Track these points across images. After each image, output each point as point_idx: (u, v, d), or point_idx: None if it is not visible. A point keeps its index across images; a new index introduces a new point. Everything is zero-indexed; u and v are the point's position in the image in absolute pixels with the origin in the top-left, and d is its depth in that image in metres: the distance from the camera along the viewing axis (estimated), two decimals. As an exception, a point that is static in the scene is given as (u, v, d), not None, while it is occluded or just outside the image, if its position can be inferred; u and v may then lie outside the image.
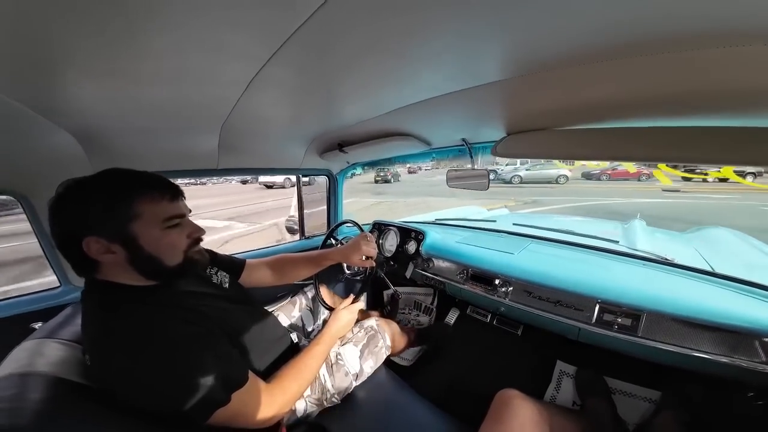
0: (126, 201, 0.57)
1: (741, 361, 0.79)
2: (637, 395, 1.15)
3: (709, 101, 0.56)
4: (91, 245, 0.55)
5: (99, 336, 0.56)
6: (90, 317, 0.59)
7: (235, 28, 0.42)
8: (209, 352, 0.59)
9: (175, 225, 0.63)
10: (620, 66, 0.49)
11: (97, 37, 0.42)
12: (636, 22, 0.37)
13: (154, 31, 0.42)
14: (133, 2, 0.35)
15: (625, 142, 0.69)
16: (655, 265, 1.16)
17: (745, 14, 0.34)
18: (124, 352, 0.53)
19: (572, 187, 11.62)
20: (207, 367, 0.57)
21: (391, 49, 0.50)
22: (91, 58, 0.48)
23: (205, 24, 0.41)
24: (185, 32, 0.43)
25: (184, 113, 0.78)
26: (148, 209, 0.59)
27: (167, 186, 0.63)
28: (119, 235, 0.57)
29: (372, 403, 0.96)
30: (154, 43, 0.45)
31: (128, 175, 0.61)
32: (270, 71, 0.56)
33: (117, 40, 0.43)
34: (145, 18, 0.39)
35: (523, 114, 0.81)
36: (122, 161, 0.99)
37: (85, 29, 0.40)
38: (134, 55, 0.48)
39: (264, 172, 1.53)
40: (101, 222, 0.56)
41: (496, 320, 1.54)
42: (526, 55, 0.51)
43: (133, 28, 0.41)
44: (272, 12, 0.39)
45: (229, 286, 0.87)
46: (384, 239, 1.79)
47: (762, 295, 0.93)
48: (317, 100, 0.79)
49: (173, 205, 0.63)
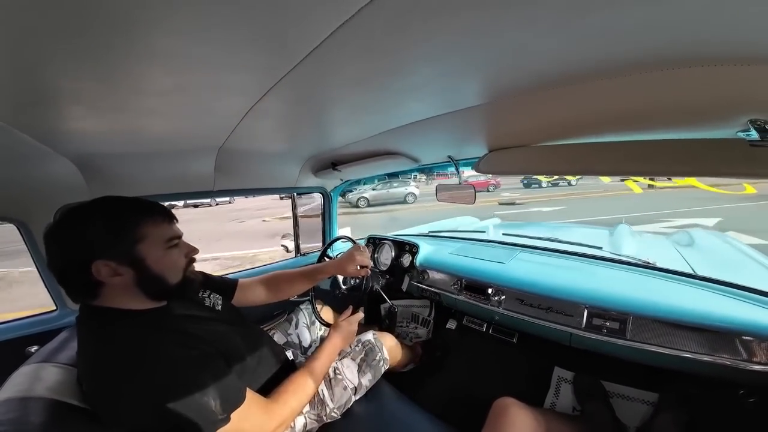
0: (131, 224, 0.60)
1: (725, 360, 0.82)
2: (635, 398, 1.16)
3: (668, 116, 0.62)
4: (100, 269, 0.57)
5: (96, 362, 0.57)
6: (86, 344, 0.60)
7: (233, 71, 0.47)
8: (206, 373, 0.61)
9: (175, 245, 0.67)
10: (588, 88, 0.54)
11: (103, 75, 0.45)
12: (598, 49, 0.43)
13: (155, 73, 0.46)
14: (137, 49, 0.39)
15: (597, 157, 0.75)
16: (638, 269, 1.20)
17: (692, 40, 0.39)
18: (122, 376, 0.55)
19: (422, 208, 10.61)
20: (205, 388, 0.58)
21: (376, 83, 0.55)
22: (97, 96, 0.51)
23: (205, 68, 0.45)
24: (186, 75, 0.47)
25: (181, 142, 0.82)
26: (152, 231, 0.62)
27: (165, 210, 0.67)
28: (128, 257, 0.59)
29: (372, 415, 0.96)
30: (156, 84, 0.49)
31: (127, 200, 0.64)
32: (265, 105, 0.60)
33: (122, 82, 0.47)
34: (149, 63, 0.42)
35: (503, 132, 0.87)
36: (120, 186, 1.03)
37: (89, 69, 0.43)
38: (137, 93, 0.52)
39: (259, 192, 1.56)
40: (110, 245, 0.58)
41: (491, 329, 1.56)
42: (497, 85, 0.57)
43: (136, 70, 0.44)
44: (268, 56, 0.43)
45: (222, 308, 0.88)
46: (379, 253, 1.81)
47: (740, 295, 0.96)
48: (309, 126, 0.84)
49: (172, 227, 0.67)
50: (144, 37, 0.36)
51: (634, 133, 0.70)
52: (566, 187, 13.14)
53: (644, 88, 0.51)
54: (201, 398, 0.57)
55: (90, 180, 0.92)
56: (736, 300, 0.95)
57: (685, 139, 0.63)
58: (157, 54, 0.40)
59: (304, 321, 1.31)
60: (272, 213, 11.47)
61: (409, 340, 1.76)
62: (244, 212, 12.47)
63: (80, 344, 0.61)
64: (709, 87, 0.49)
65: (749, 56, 0.40)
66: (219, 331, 0.76)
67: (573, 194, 11.60)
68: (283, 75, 0.48)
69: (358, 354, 1.06)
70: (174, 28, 0.34)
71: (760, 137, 0.52)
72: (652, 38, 0.39)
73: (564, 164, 0.79)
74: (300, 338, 1.24)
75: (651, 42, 0.40)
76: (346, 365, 1.01)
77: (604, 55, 0.44)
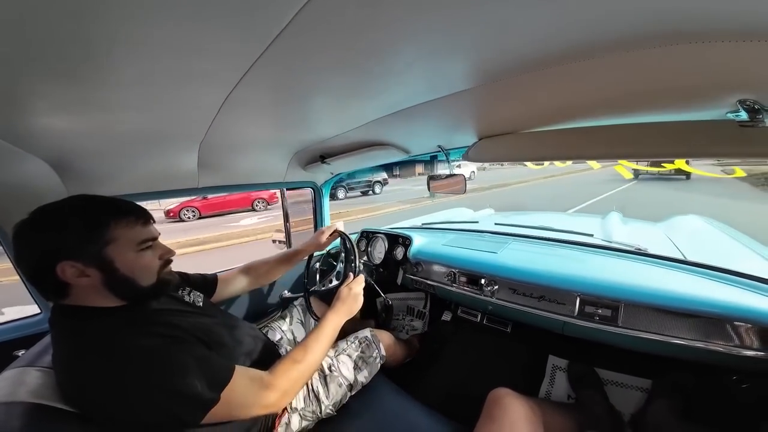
0: (102, 226, 0.59)
1: (717, 346, 0.82)
2: (629, 385, 1.17)
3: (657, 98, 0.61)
4: (66, 270, 0.55)
5: (71, 361, 0.56)
6: (59, 343, 0.59)
7: (200, 56, 0.44)
8: (185, 356, 0.60)
9: (148, 247, 0.65)
10: (575, 69, 0.52)
11: (62, 69, 0.43)
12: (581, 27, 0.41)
13: (117, 62, 0.43)
14: (92, 35, 0.36)
15: (586, 142, 0.73)
16: (629, 256, 1.20)
17: (682, 15, 0.38)
18: (99, 372, 0.54)
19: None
20: (186, 372, 0.58)
21: (355, 66, 0.53)
22: (58, 89, 0.49)
23: (170, 54, 0.43)
24: (150, 63, 0.44)
25: (158, 136, 0.78)
26: (124, 234, 0.61)
27: (140, 211, 0.65)
28: (96, 259, 0.58)
29: (368, 410, 0.96)
30: (120, 73, 0.46)
31: (100, 201, 0.62)
32: (241, 92, 0.58)
33: (81, 72, 0.45)
34: (106, 51, 0.40)
35: (491, 119, 0.85)
36: (99, 185, 1.00)
37: (48, 63, 0.41)
38: (101, 85, 0.49)
39: (247, 188, 1.53)
40: (77, 247, 0.56)
41: (485, 319, 1.56)
42: (484, 68, 0.55)
43: (96, 60, 0.42)
44: (236, 39, 0.41)
45: (204, 303, 0.87)
46: (372, 247, 1.80)
47: (732, 280, 0.97)
48: (292, 116, 0.81)
49: (146, 229, 0.65)
50: (102, 24, 0.34)
51: (623, 117, 0.69)
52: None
53: (632, 68, 0.50)
54: (183, 382, 0.57)
55: (67, 180, 0.89)
56: (728, 285, 0.95)
57: (675, 121, 0.62)
58: (117, 41, 0.38)
59: (298, 317, 1.30)
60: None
61: (406, 333, 1.76)
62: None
63: (54, 344, 0.60)
64: (698, 66, 0.47)
65: (738, 32, 0.39)
66: (201, 322, 0.74)
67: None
68: (255, 59, 0.45)
69: (354, 350, 1.05)
70: (130, 12, 0.32)
71: (749, 118, 0.51)
72: (640, 13, 0.37)
73: (553, 149, 0.78)
74: (294, 334, 1.23)
75: (639, 17, 0.38)
76: (342, 361, 1.00)
77: (592, 32, 0.42)
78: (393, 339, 1.27)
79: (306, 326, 1.29)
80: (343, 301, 0.92)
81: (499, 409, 0.81)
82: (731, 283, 0.96)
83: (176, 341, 0.63)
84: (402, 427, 0.91)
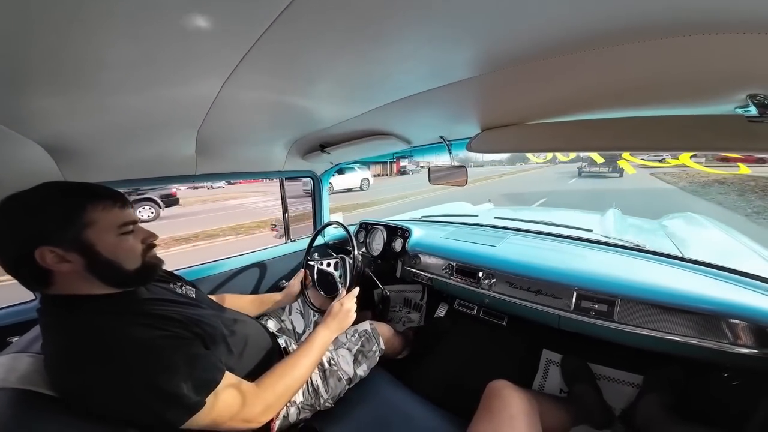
0: (78, 209, 0.57)
1: (710, 343, 0.83)
2: (621, 380, 1.19)
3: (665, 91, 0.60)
4: (45, 255, 0.54)
5: (56, 352, 0.56)
6: (46, 334, 0.59)
7: (200, 38, 0.43)
8: (175, 354, 0.58)
9: (129, 231, 0.64)
10: (583, 58, 0.51)
11: (59, 49, 0.41)
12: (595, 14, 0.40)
13: (114, 42, 0.42)
14: (90, 16, 0.35)
15: (591, 134, 0.72)
16: (627, 252, 1.20)
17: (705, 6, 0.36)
18: (84, 364, 0.53)
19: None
20: (173, 371, 0.56)
21: (355, 54, 0.51)
22: (54, 71, 0.47)
23: (168, 35, 0.41)
24: (148, 43, 0.43)
25: (157, 122, 0.77)
26: (102, 216, 0.59)
27: (116, 194, 0.64)
28: (75, 242, 0.56)
29: (365, 402, 0.97)
30: (117, 54, 0.45)
31: (74, 185, 0.61)
32: (240, 76, 0.56)
33: (78, 53, 0.43)
34: (104, 29, 0.39)
35: (495, 110, 0.83)
36: (96, 170, 0.98)
37: (45, 43, 0.39)
38: (97, 66, 0.48)
39: (245, 176, 1.51)
40: (55, 231, 0.55)
41: (482, 312, 1.57)
42: (491, 55, 0.53)
43: (93, 40, 0.40)
44: (236, 19, 0.40)
45: (197, 295, 0.86)
46: (371, 238, 1.80)
47: (727, 277, 0.97)
48: (292, 103, 0.80)
49: (124, 212, 0.64)
50: (99, 4, 0.33)
51: (630, 110, 0.68)
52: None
53: (641, 59, 0.49)
54: (169, 381, 0.55)
55: (62, 164, 0.87)
56: (724, 283, 0.95)
57: (682, 115, 0.61)
58: (115, 21, 0.37)
59: (298, 307, 1.30)
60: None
61: (402, 325, 1.78)
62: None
63: (43, 335, 0.59)
64: (708, 58, 0.46)
65: (750, 24, 0.38)
66: (195, 313, 0.73)
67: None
68: (254, 40, 0.44)
69: (354, 344, 1.05)
70: None
71: (759, 113, 0.50)
72: (652, 3, 0.36)
73: (558, 141, 0.77)
74: (294, 324, 1.23)
75: (650, 6, 0.37)
76: (342, 356, 1.00)
77: (602, 19, 0.41)
78: (392, 331, 1.28)
79: (305, 317, 1.29)
80: (334, 316, 0.94)
81: (498, 401, 0.81)
82: (727, 280, 0.96)
83: (170, 336, 0.61)
84: (398, 418, 0.91)
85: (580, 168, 15.38)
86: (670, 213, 2.01)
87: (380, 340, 1.12)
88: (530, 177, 18.95)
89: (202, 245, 5.74)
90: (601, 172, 13.77)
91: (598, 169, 13.69)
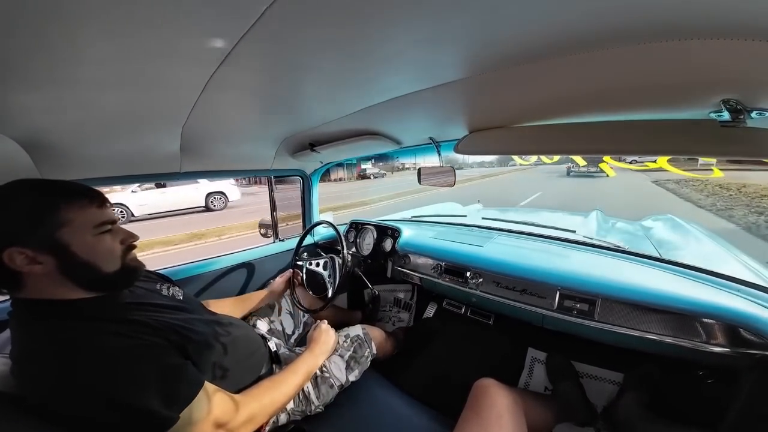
0: (52, 208, 0.55)
1: (685, 341, 0.85)
2: (603, 378, 1.22)
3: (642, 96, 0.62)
4: (14, 257, 0.51)
5: (21, 359, 0.53)
6: (15, 340, 0.55)
7: (180, 34, 0.42)
8: (146, 366, 0.55)
9: (107, 230, 0.61)
10: (565, 62, 0.52)
11: (32, 44, 0.40)
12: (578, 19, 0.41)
13: (91, 38, 0.40)
14: (68, 9, 0.34)
15: (573, 137, 0.74)
16: (608, 253, 1.24)
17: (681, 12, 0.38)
18: (46, 375, 0.51)
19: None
20: (142, 385, 0.53)
21: (343, 52, 0.51)
22: (28, 66, 0.46)
23: (148, 30, 0.40)
24: (127, 39, 0.42)
25: (137, 117, 0.75)
26: (78, 215, 0.57)
27: (93, 193, 0.61)
28: (47, 243, 0.54)
29: (354, 402, 0.96)
30: (94, 50, 0.44)
31: (48, 183, 0.58)
32: (225, 74, 0.55)
33: (53, 48, 0.42)
34: (80, 24, 0.38)
35: (482, 112, 0.85)
36: (75, 168, 0.95)
37: (18, 37, 0.38)
38: (74, 62, 0.46)
39: (232, 175, 1.49)
40: (25, 231, 0.52)
41: (469, 311, 1.59)
42: (477, 57, 0.54)
43: (69, 36, 0.39)
44: (218, 16, 0.39)
45: (184, 297, 0.83)
46: (361, 238, 1.79)
47: (702, 278, 1.00)
48: (279, 100, 0.79)
49: (102, 212, 0.61)
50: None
51: (610, 114, 0.70)
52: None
53: (621, 63, 0.50)
54: (137, 396, 0.52)
55: (40, 162, 0.84)
56: (699, 283, 0.98)
57: (659, 119, 0.63)
58: (94, 14, 0.36)
59: (287, 308, 1.28)
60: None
61: (392, 325, 1.78)
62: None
63: (13, 339, 0.56)
64: (686, 63, 0.48)
65: (725, 30, 0.39)
66: (178, 318, 0.70)
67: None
68: (240, 36, 0.43)
69: (346, 350, 1.04)
70: None
71: (731, 118, 0.52)
72: (631, 8, 0.37)
73: (540, 144, 0.79)
74: (283, 325, 1.22)
75: (629, 12, 0.38)
76: (334, 362, 0.99)
77: (585, 24, 0.42)
78: (384, 335, 1.27)
79: (294, 317, 1.28)
80: (317, 340, 0.95)
81: (485, 400, 0.82)
82: (702, 281, 0.99)
83: (143, 345, 0.58)
84: (387, 418, 0.92)
85: (568, 168, 16.40)
86: (653, 214, 2.08)
87: (372, 345, 1.12)
88: (519, 177, 19.67)
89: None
90: (589, 171, 14.68)
91: (587, 169, 14.51)
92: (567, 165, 16.56)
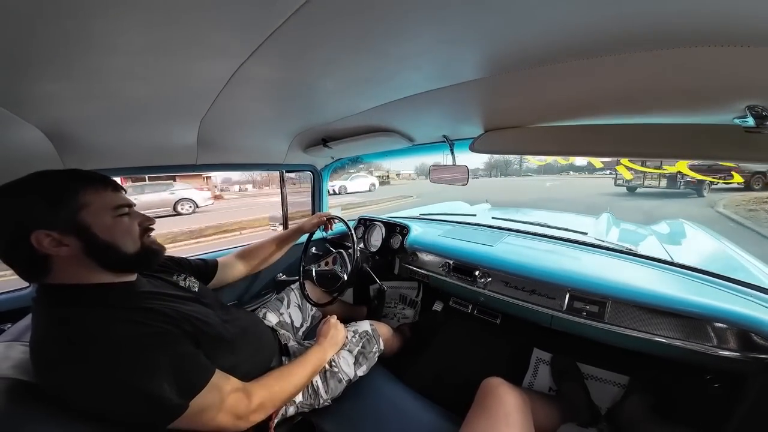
0: (71, 192, 0.57)
1: (696, 345, 0.85)
2: (608, 380, 1.21)
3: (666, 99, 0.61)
4: (41, 239, 0.53)
5: (38, 344, 0.55)
6: (36, 326, 0.57)
7: (212, 28, 0.43)
8: (159, 354, 0.56)
9: (125, 213, 0.64)
10: (587, 65, 0.52)
11: (71, 33, 0.41)
12: (603, 22, 0.41)
13: (127, 28, 0.41)
14: (97, 3, 0.35)
15: (591, 139, 0.74)
16: (619, 255, 1.23)
17: (701, 18, 0.38)
18: (61, 360, 0.52)
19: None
20: (154, 372, 0.54)
21: (369, 49, 0.51)
22: (62, 54, 0.47)
23: (182, 22, 0.41)
24: (160, 31, 0.43)
25: (159, 109, 0.76)
26: (95, 198, 0.59)
27: (106, 179, 0.64)
28: (71, 224, 0.56)
29: (361, 397, 0.98)
30: (127, 40, 0.45)
31: (65, 171, 0.61)
32: (249, 69, 0.56)
33: (90, 37, 0.43)
34: (119, 15, 0.38)
35: (499, 111, 0.84)
36: (96, 157, 0.97)
37: (59, 26, 0.39)
38: (106, 52, 0.47)
39: (245, 168, 1.51)
40: (50, 214, 0.55)
41: (476, 310, 1.59)
42: (499, 57, 0.54)
43: (107, 26, 0.40)
44: (252, 11, 0.40)
45: (199, 289, 0.85)
46: (369, 234, 1.80)
47: (714, 282, 1.00)
48: (298, 96, 0.80)
49: (117, 195, 0.64)
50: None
51: (630, 117, 0.69)
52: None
53: (645, 67, 0.50)
54: (150, 382, 0.53)
55: (62, 150, 0.86)
56: (710, 287, 0.98)
57: (682, 123, 0.62)
58: (129, 6, 0.36)
59: (296, 301, 1.30)
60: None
61: (397, 321, 1.79)
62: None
63: (32, 326, 0.58)
64: (710, 69, 0.48)
65: (752, 38, 0.39)
66: (193, 310, 0.72)
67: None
68: (269, 33, 0.44)
69: (355, 346, 1.05)
70: None
71: (756, 124, 0.52)
72: (658, 13, 0.37)
73: (559, 145, 0.79)
74: (292, 318, 1.24)
75: (656, 17, 0.38)
76: (343, 357, 1.00)
77: (611, 26, 0.42)
78: (391, 331, 1.29)
79: (303, 310, 1.30)
80: (325, 335, 0.96)
81: (493, 398, 0.82)
82: (714, 285, 0.99)
83: (157, 333, 0.59)
84: (393, 413, 0.93)
85: (627, 182, 9.71)
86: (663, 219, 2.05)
87: (380, 341, 1.13)
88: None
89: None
90: (668, 187, 8.15)
91: (658, 183, 8.39)
92: (621, 179, 9.89)
